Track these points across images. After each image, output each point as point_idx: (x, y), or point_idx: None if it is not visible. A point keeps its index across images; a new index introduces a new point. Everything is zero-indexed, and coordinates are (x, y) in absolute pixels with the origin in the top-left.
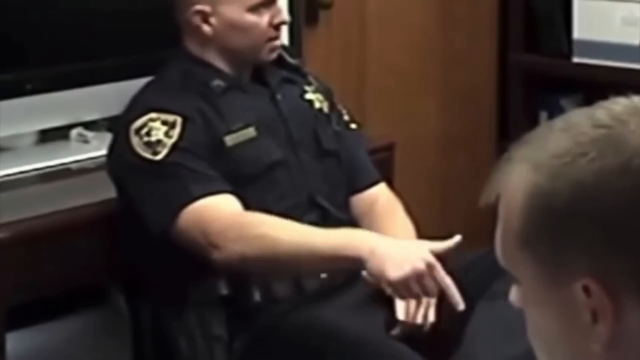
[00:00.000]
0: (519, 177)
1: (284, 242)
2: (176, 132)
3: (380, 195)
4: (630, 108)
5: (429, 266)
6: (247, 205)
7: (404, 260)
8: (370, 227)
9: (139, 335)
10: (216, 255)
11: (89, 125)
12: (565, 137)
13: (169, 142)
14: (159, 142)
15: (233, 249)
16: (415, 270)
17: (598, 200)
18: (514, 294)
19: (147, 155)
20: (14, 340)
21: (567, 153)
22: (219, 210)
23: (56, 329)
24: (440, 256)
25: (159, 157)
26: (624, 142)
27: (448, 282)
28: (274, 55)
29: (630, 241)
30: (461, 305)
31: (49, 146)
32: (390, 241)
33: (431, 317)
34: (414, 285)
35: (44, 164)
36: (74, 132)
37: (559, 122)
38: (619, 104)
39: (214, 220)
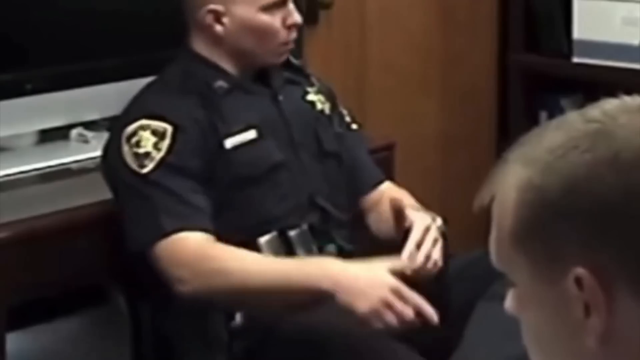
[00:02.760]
0: (513, 176)
1: (251, 275)
2: (165, 145)
3: (386, 190)
4: (620, 106)
5: (395, 291)
6: (247, 208)
7: (369, 291)
8: (380, 215)
9: (139, 335)
10: (181, 288)
11: (89, 125)
12: (558, 133)
13: (157, 156)
14: (147, 154)
15: (198, 283)
16: (382, 301)
17: (589, 192)
18: (509, 301)
19: (134, 166)
20: (14, 340)
21: (560, 147)
22: (186, 246)
23: (56, 329)
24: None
25: (144, 170)
26: (614, 135)
27: (418, 301)
28: (283, 58)
29: (620, 232)
30: (435, 319)
31: (49, 146)
32: (351, 269)
33: (436, 255)
34: (387, 313)
35: (44, 164)
36: (74, 132)
37: (553, 122)
38: (610, 103)
39: (179, 255)
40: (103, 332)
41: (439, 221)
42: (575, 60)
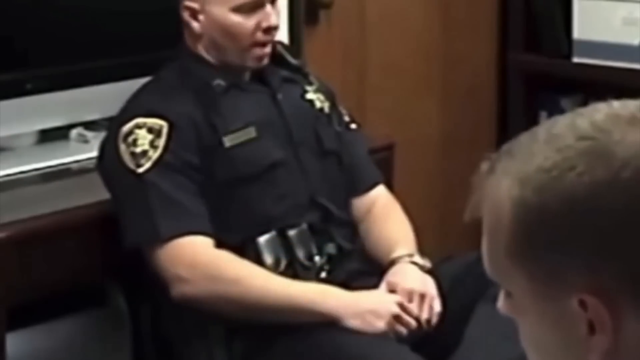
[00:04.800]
0: (504, 192)
1: (257, 289)
2: (161, 142)
3: (378, 197)
4: (611, 116)
5: (400, 305)
6: (246, 206)
7: (378, 309)
8: (367, 229)
9: (139, 335)
10: (181, 289)
11: (89, 125)
12: (549, 150)
13: (154, 155)
14: (144, 153)
15: (195, 287)
16: (394, 315)
17: (590, 214)
18: (501, 303)
19: (131, 166)
20: (14, 340)
21: (554, 167)
22: (184, 250)
23: (56, 329)
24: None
25: (140, 170)
26: (610, 153)
27: (427, 307)
28: (262, 63)
29: (623, 252)
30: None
31: (49, 146)
32: (350, 294)
33: (437, 308)
34: (401, 326)
35: (44, 164)
36: (74, 132)
37: (541, 132)
38: (599, 112)
39: (177, 259)
40: (103, 332)
41: (427, 264)
42: (575, 60)
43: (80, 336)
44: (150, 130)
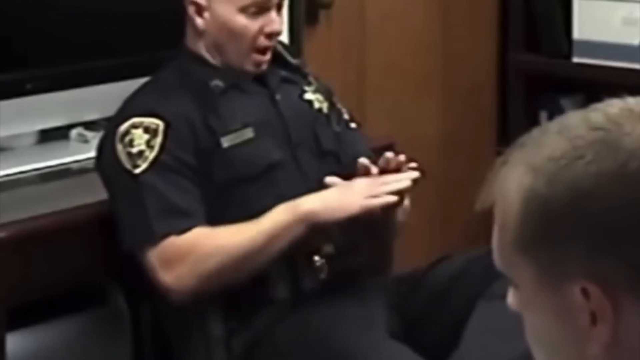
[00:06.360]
0: (515, 181)
1: (237, 245)
2: (158, 142)
3: None
4: (625, 111)
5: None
6: (244, 207)
7: (348, 190)
8: None
9: (139, 335)
10: (177, 289)
11: (89, 125)
12: (561, 140)
13: (150, 155)
14: (140, 153)
15: (190, 277)
16: (367, 188)
17: (595, 204)
18: (511, 297)
19: (128, 166)
20: (14, 340)
21: (564, 156)
22: (176, 246)
23: (56, 329)
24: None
25: (137, 170)
26: (619, 145)
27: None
28: (260, 69)
29: (627, 243)
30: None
31: (49, 146)
32: (313, 196)
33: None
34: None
35: (43, 164)
36: (74, 132)
37: (554, 124)
38: (614, 107)
39: (171, 262)
40: (103, 332)
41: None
42: (575, 60)
43: (80, 336)
44: (146, 130)
